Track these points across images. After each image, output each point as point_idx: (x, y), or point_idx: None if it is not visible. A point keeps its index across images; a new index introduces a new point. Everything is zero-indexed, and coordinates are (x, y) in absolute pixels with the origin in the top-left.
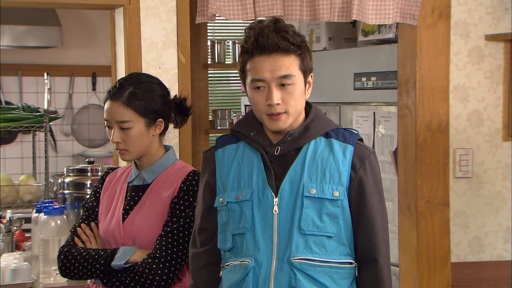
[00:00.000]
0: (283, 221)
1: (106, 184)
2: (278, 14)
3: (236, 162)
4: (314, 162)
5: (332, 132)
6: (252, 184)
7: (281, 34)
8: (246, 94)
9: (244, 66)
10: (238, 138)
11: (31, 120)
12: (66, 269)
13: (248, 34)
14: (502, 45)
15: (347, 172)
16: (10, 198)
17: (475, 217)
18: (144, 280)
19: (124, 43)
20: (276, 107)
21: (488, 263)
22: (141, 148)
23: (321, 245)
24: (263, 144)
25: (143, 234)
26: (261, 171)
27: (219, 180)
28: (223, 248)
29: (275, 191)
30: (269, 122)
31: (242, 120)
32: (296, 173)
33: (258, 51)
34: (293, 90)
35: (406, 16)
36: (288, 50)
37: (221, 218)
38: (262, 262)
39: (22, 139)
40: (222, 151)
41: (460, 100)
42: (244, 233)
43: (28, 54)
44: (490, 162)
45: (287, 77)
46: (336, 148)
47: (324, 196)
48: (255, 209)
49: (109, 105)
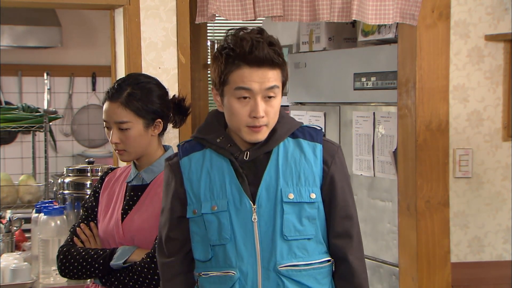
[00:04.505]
0: (264, 229)
1: (106, 184)
2: (278, 14)
3: (205, 171)
4: (287, 165)
5: (298, 131)
6: (226, 193)
7: (273, 47)
8: (220, 102)
9: (227, 74)
10: (202, 145)
11: (31, 120)
12: (66, 269)
13: (237, 43)
14: (502, 45)
15: (320, 172)
16: (10, 198)
17: (475, 217)
18: (143, 280)
19: (124, 43)
20: (261, 119)
21: (488, 263)
22: (140, 148)
23: (303, 248)
24: (231, 151)
25: (142, 234)
26: (234, 179)
27: (189, 190)
28: (201, 259)
29: (252, 198)
30: (249, 134)
31: (204, 126)
32: (271, 178)
33: (248, 62)
34: (276, 103)
35: (406, 16)
36: (277, 64)
37: (195, 228)
38: (247, 272)
39: (22, 139)
40: (188, 159)
41: (460, 100)
42: (224, 244)
43: (28, 54)
44: (490, 162)
45: (273, 89)
46: (305, 148)
47: (302, 200)
48: (233, 219)
49: (108, 106)
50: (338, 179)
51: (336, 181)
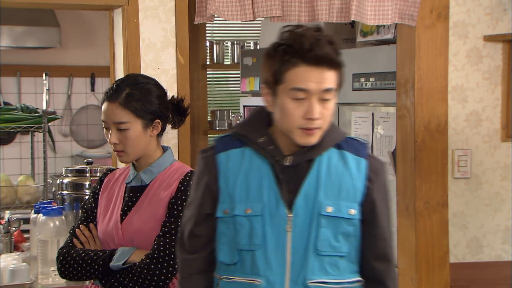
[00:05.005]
0: (298, 240)
1: (105, 185)
2: (276, 15)
3: (243, 171)
4: (329, 176)
5: (343, 142)
6: (262, 198)
7: (333, 46)
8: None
9: (283, 72)
10: (241, 142)
11: (30, 120)
12: (65, 270)
13: (296, 39)
14: (500, 46)
15: (362, 188)
16: (9, 199)
17: (474, 218)
18: (143, 281)
19: (122, 43)
20: (315, 122)
21: (487, 264)
22: (139, 149)
23: (335, 266)
24: (273, 153)
25: (141, 235)
26: (272, 184)
27: (223, 188)
28: (225, 261)
29: (289, 206)
30: (301, 136)
31: (247, 123)
32: (310, 188)
33: (306, 60)
34: (331, 106)
35: (405, 17)
36: (336, 65)
37: (223, 229)
38: (274, 283)
39: (21, 139)
40: (226, 155)
41: (458, 100)
42: (254, 250)
43: (27, 55)
44: (489, 162)
45: (329, 91)
46: (350, 161)
47: (341, 215)
48: (266, 225)
49: (106, 107)
50: (380, 198)
51: (378, 200)
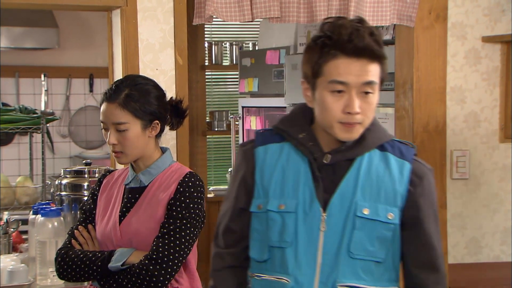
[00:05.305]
0: (330, 241)
1: (104, 187)
2: (275, 16)
3: (279, 166)
4: (368, 177)
5: (387, 144)
6: (297, 194)
7: (374, 37)
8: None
9: (321, 65)
10: (281, 137)
11: (28, 121)
12: (64, 271)
13: (335, 30)
14: (499, 47)
15: (404, 192)
16: (7, 200)
17: (472, 219)
18: (142, 282)
19: (121, 44)
20: (355, 116)
21: (485, 265)
22: (137, 150)
23: (368, 271)
24: (312, 150)
25: (140, 236)
26: (309, 181)
27: (258, 182)
28: (256, 258)
29: (323, 205)
30: (341, 130)
31: (288, 118)
32: (348, 187)
33: (346, 52)
34: (373, 100)
35: (403, 18)
36: (378, 57)
37: (256, 224)
38: (303, 283)
39: (19, 140)
40: (264, 149)
41: (457, 101)
42: (284, 247)
43: (25, 56)
44: (487, 163)
45: (371, 84)
46: (392, 164)
47: (378, 218)
48: (299, 222)
49: (105, 107)
50: (423, 204)
51: (421, 206)
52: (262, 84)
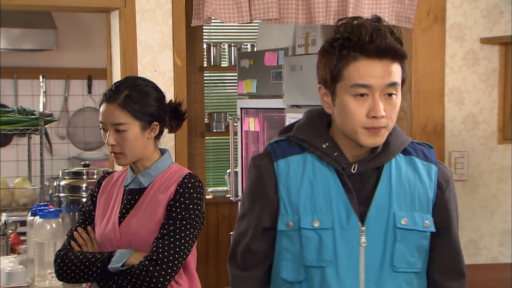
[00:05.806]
0: (372, 256)
1: (103, 188)
2: (273, 17)
3: (306, 179)
4: (401, 185)
5: (409, 147)
6: (331, 209)
7: (395, 36)
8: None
9: (341, 69)
10: (301, 147)
11: (27, 123)
12: (63, 272)
13: (354, 31)
14: (497, 48)
15: (433, 197)
16: (6, 201)
17: (471, 220)
18: (141, 283)
19: (119, 46)
20: (381, 120)
21: (484, 266)
22: (136, 151)
23: (410, 283)
24: (338, 160)
25: (140, 238)
26: (341, 193)
27: (285, 199)
28: (289, 279)
29: (361, 218)
30: (367, 136)
31: (306, 127)
32: (383, 198)
33: (367, 53)
34: (396, 102)
35: (402, 19)
36: (400, 57)
37: (286, 244)
38: None
39: (18, 142)
40: (285, 162)
41: (455, 103)
42: (324, 266)
43: (24, 57)
44: (486, 165)
45: (394, 86)
46: (420, 168)
47: (416, 228)
48: (337, 239)
49: (105, 108)
50: (450, 209)
51: (449, 211)
52: (260, 85)
